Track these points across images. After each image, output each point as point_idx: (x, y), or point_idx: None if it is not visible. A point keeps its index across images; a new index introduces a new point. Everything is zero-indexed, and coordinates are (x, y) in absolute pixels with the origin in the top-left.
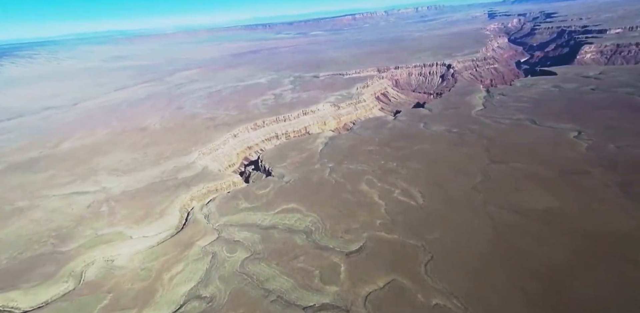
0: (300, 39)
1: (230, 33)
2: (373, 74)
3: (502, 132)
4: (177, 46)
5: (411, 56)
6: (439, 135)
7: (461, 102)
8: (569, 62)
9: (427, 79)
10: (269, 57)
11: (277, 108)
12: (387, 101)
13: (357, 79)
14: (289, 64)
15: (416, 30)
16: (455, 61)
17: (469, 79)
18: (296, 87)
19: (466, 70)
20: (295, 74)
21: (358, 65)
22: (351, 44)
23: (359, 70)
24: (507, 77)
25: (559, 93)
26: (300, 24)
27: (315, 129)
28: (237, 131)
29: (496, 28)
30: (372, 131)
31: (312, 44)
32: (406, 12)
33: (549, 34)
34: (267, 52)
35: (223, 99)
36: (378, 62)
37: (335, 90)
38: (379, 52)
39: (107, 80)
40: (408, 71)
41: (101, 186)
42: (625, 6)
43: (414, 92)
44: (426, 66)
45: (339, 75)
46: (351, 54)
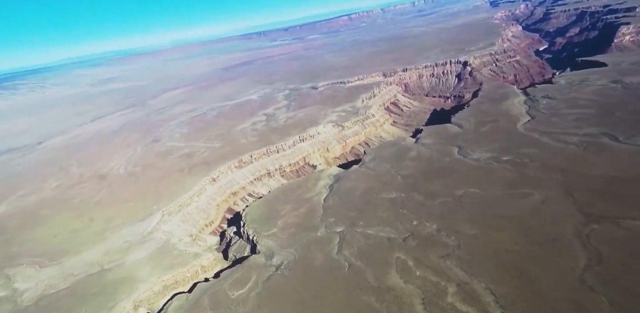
0: (297, 44)
1: (225, 44)
2: (379, 80)
3: (576, 157)
4: (171, 63)
5: (418, 55)
6: (486, 168)
7: (497, 112)
8: (604, 48)
9: (441, 80)
10: (263, 68)
11: (268, 134)
12: (399, 111)
13: (360, 87)
14: (284, 74)
15: (417, 26)
16: (471, 57)
17: (489, 76)
18: (291, 104)
19: (485, 67)
20: (290, 86)
21: (360, 71)
22: (350, 46)
23: (362, 77)
24: (532, 71)
25: (628, 92)
26: (295, 29)
27: (316, 159)
28: (217, 173)
29: (504, 16)
30: (390, 164)
31: (308, 49)
32: (403, 7)
33: (566, 17)
34: (261, 62)
35: (207, 124)
36: (382, 64)
37: (337, 105)
38: (381, 52)
39: (88, 107)
40: (418, 73)
41: (10, 288)
42: None
43: (427, 97)
44: (438, 65)
45: (339, 84)
46: (351, 58)
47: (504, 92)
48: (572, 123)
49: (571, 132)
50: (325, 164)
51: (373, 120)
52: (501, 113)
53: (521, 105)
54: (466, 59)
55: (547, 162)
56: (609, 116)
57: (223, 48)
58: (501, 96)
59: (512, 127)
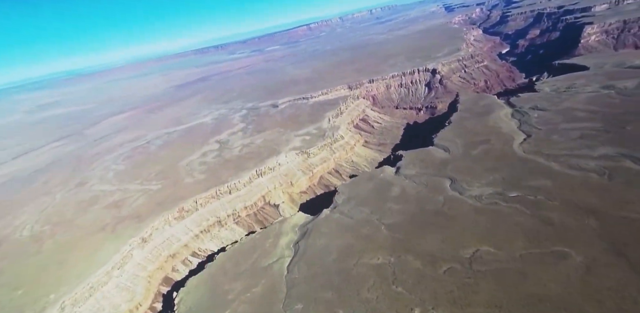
0: (256, 57)
1: (180, 60)
2: (344, 94)
3: (604, 191)
4: (122, 82)
5: (383, 63)
6: (492, 210)
7: (486, 129)
8: (571, 49)
9: (410, 91)
10: (219, 84)
11: (219, 169)
12: (370, 129)
13: (325, 104)
14: (241, 90)
15: (377, 33)
16: (439, 64)
17: (459, 83)
18: (248, 127)
19: (454, 73)
20: (248, 105)
21: (324, 84)
22: (311, 56)
23: (327, 90)
24: (502, 76)
25: (628, 99)
26: (254, 41)
27: (278, 197)
28: (150, 229)
29: (461, 20)
30: (369, 207)
31: (268, 62)
32: (361, 15)
33: (523, 19)
34: (218, 77)
35: (148, 158)
36: (346, 75)
37: (300, 126)
38: (344, 63)
39: (16, 140)
40: (385, 84)
41: None
42: None
43: (398, 109)
44: (406, 75)
45: (302, 100)
46: (313, 69)
47: (486, 104)
48: (578, 141)
49: (583, 153)
50: (289, 202)
51: (342, 143)
52: (490, 131)
53: (510, 120)
54: (434, 66)
55: (569, 199)
56: (619, 131)
57: (178, 64)
58: (484, 109)
59: (509, 149)
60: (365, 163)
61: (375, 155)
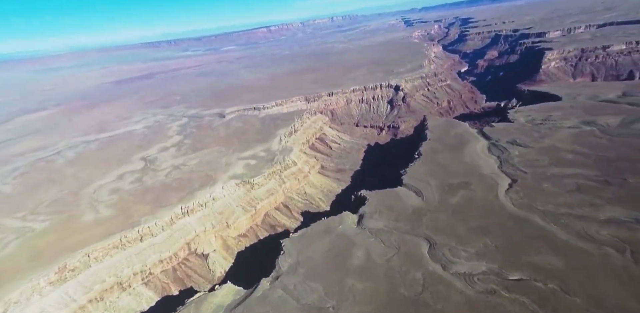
0: (209, 56)
1: (127, 52)
2: (301, 107)
3: (634, 280)
4: (53, 72)
5: (344, 75)
6: (491, 305)
7: (462, 167)
8: (532, 74)
9: (372, 107)
10: (164, 84)
11: (134, 202)
12: (327, 150)
13: (278, 117)
14: (186, 93)
15: (338, 41)
16: (402, 80)
17: (423, 102)
18: (185, 141)
19: (417, 91)
20: (191, 112)
21: (279, 93)
22: (268, 61)
23: (281, 102)
24: (464, 96)
25: (617, 140)
26: (210, 39)
27: (208, 243)
28: (6, 302)
29: (420, 35)
30: (323, 284)
31: (222, 63)
32: (322, 22)
33: (480, 39)
34: (164, 76)
35: (48, 177)
36: (304, 86)
37: (246, 147)
38: (303, 71)
39: None
40: (346, 98)
41: None
42: (535, 9)
43: (358, 127)
44: (368, 89)
45: (253, 110)
46: (269, 76)
47: (459, 134)
48: (577, 196)
49: (587, 214)
50: (223, 250)
51: (294, 170)
52: (468, 170)
53: (488, 156)
54: (398, 82)
55: (593, 293)
56: (622, 184)
57: (124, 56)
58: (457, 140)
59: (494, 199)
60: (320, 196)
61: (332, 185)
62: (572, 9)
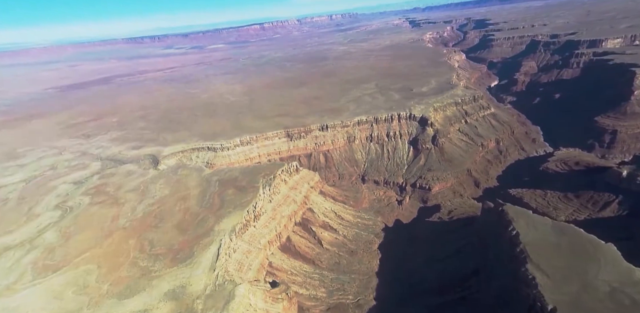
0: (191, 55)
1: (106, 48)
2: (278, 149)
3: None
4: (2, 70)
5: (345, 94)
6: None
7: None
8: (617, 102)
9: (386, 150)
10: (115, 94)
11: None
12: (313, 249)
13: (235, 179)
14: (131, 113)
15: (337, 43)
16: (429, 108)
17: (462, 144)
18: (46, 237)
19: (452, 125)
20: (112, 151)
21: (251, 121)
22: (253, 65)
23: (250, 138)
24: (518, 133)
25: None
26: (197, 36)
27: None
28: None
29: (432, 38)
30: None
31: (200, 65)
32: (320, 20)
33: (510, 45)
34: (125, 81)
35: None
36: (288, 108)
37: (139, 274)
38: (292, 83)
39: None
40: (347, 133)
41: None
42: (563, 11)
43: (365, 183)
44: (380, 122)
45: (203, 153)
46: (247, 89)
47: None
48: None
49: None
50: None
51: None
52: None
53: None
54: (424, 111)
55: None
56: None
57: (101, 53)
58: None
59: None
60: None
61: None
62: (611, 11)
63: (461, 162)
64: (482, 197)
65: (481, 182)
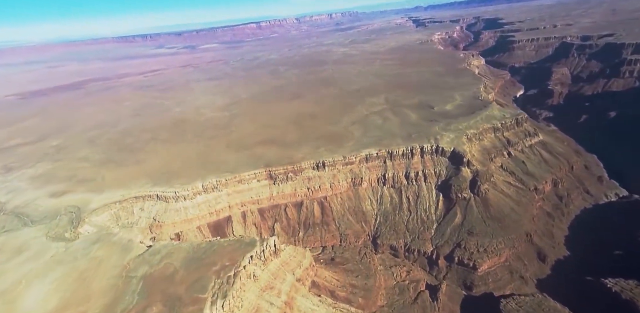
0: (180, 56)
1: (96, 47)
2: (256, 198)
3: None
4: None
5: (347, 111)
6: None
7: None
8: None
9: (405, 199)
10: (77, 105)
11: None
12: None
13: (171, 278)
14: (81, 133)
15: (337, 44)
16: (463, 137)
17: (510, 190)
18: None
19: (492, 161)
20: (24, 198)
21: (224, 152)
22: (243, 70)
23: (219, 182)
24: (577, 169)
25: None
26: (191, 35)
27: None
28: None
29: (441, 39)
30: None
31: (186, 68)
32: (320, 19)
33: (534, 48)
34: (97, 86)
35: None
36: (275, 131)
37: None
38: (282, 96)
39: None
40: (351, 172)
41: None
42: (583, 9)
43: (378, 254)
44: (396, 157)
45: (151, 202)
46: (230, 101)
47: None
48: None
49: None
50: None
51: None
52: None
53: None
54: (453, 142)
55: None
56: None
57: (88, 53)
58: None
59: None
60: None
61: None
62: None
63: (515, 220)
64: (553, 282)
65: (547, 253)
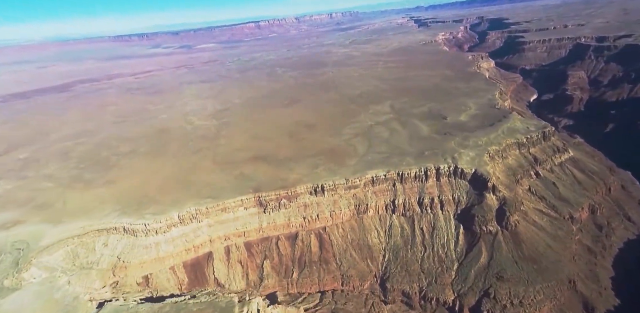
0: (178, 55)
1: (92, 46)
2: (243, 230)
3: None
4: None
5: (349, 120)
6: None
7: None
8: None
9: (416, 231)
10: (59, 109)
11: None
12: None
13: None
14: (55, 144)
15: (338, 44)
16: (485, 156)
17: (542, 220)
18: None
19: (519, 183)
20: None
21: (208, 170)
22: (237, 71)
23: (199, 211)
24: (615, 190)
25: None
26: (188, 34)
27: None
28: None
29: (445, 40)
30: None
31: (180, 69)
32: (320, 18)
33: (546, 50)
34: (84, 89)
35: None
36: (266, 145)
37: None
38: (279, 100)
39: None
40: (355, 198)
41: None
42: (592, 9)
43: (388, 300)
44: (407, 180)
45: (116, 236)
46: (221, 107)
47: None
48: None
49: None
50: None
51: None
52: None
53: None
54: (474, 161)
55: None
56: None
57: (83, 52)
58: None
59: None
60: None
61: None
62: None
63: (553, 261)
64: None
65: (594, 303)
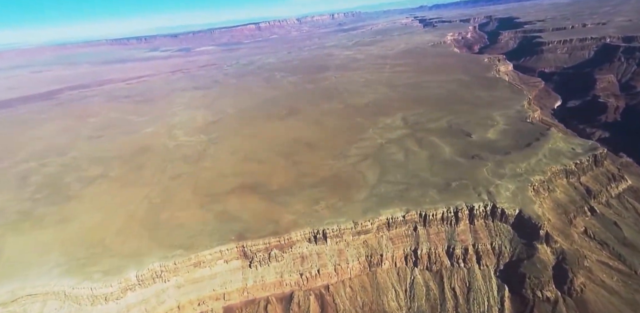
0: (175, 59)
1: (89, 50)
2: (219, 292)
3: None
4: None
5: (356, 137)
6: None
7: None
8: None
9: (445, 292)
10: (37, 121)
11: None
12: None
13: None
14: (17, 165)
15: (340, 46)
16: (528, 188)
17: (611, 280)
18: None
19: (571, 224)
20: None
21: (185, 203)
22: (234, 76)
23: (165, 267)
24: None
25: None
26: (187, 37)
27: None
28: None
29: (454, 40)
30: None
31: (175, 74)
32: (321, 19)
33: (567, 51)
34: (71, 96)
35: None
36: (260, 168)
37: None
38: (275, 110)
39: None
40: (364, 246)
41: None
42: (607, 6)
43: None
44: (431, 223)
45: (55, 303)
46: (212, 118)
47: None
48: None
49: None
50: None
51: None
52: None
53: None
54: (516, 197)
55: None
56: None
57: (79, 56)
58: None
59: None
60: None
61: None
62: None
63: None
64: None
65: None
